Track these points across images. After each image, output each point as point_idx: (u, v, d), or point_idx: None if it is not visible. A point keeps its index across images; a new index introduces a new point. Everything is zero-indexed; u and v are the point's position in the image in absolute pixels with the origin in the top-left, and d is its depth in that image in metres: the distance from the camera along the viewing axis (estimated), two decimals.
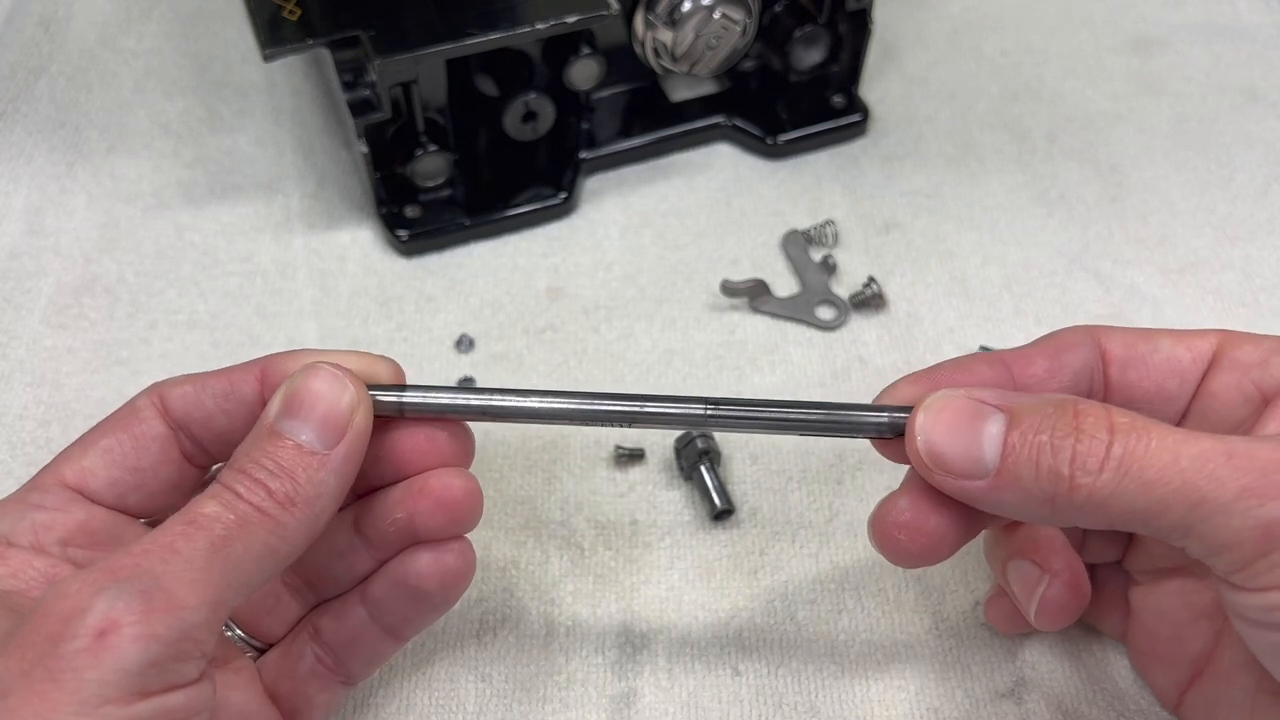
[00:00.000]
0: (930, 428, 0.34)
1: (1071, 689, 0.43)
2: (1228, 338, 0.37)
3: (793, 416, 0.37)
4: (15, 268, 0.57)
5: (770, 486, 0.49)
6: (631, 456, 0.50)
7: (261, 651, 0.40)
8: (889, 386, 0.38)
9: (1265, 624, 0.32)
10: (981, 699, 0.43)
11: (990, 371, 0.37)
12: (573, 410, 0.37)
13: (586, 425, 0.38)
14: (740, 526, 0.48)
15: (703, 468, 0.48)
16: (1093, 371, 0.38)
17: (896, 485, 0.49)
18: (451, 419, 0.38)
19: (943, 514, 0.35)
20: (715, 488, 0.48)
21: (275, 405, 0.35)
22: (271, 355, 0.38)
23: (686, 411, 0.37)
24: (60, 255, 0.58)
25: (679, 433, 0.49)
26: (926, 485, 0.35)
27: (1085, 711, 0.43)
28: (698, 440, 0.48)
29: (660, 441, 0.50)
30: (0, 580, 0.34)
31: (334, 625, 0.39)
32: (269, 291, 0.57)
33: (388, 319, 0.56)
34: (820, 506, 0.49)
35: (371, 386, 0.37)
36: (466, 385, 0.53)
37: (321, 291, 0.57)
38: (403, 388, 0.37)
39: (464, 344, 0.54)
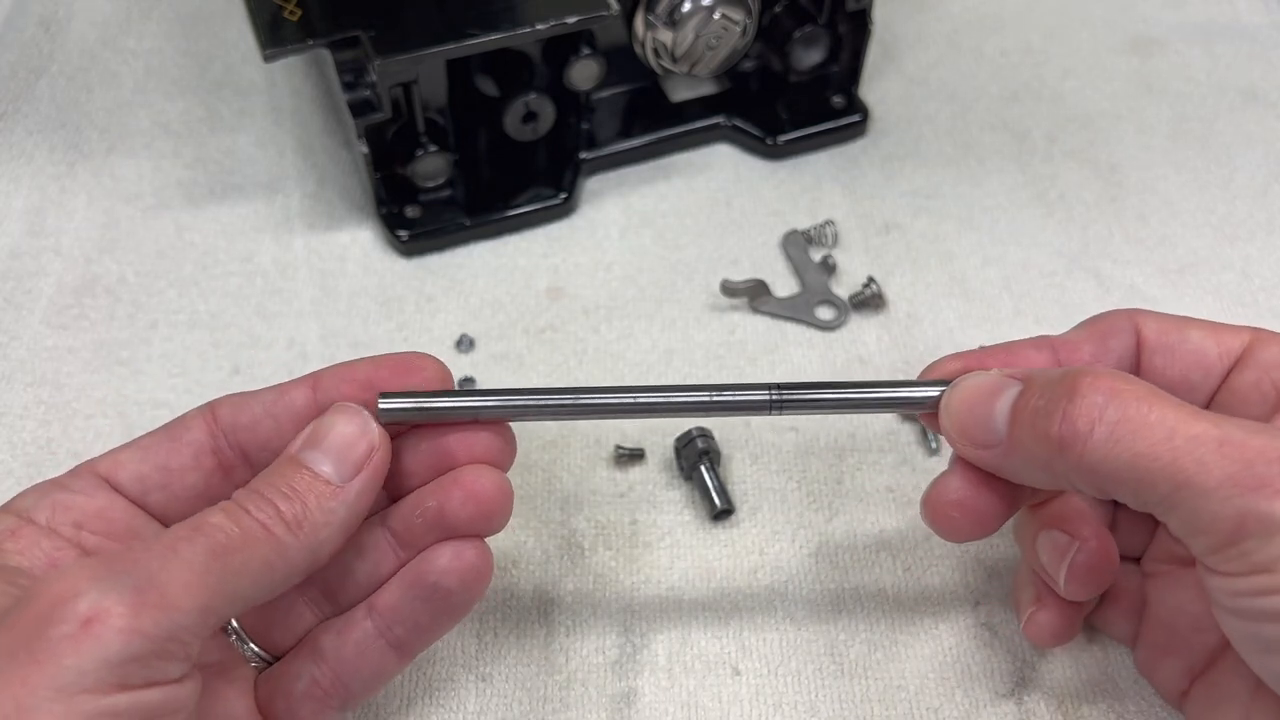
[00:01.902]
0: (955, 400, 0.37)
1: (1071, 690, 0.43)
2: (1259, 337, 0.38)
3: (854, 397, 0.39)
4: (16, 268, 0.57)
5: (770, 486, 0.49)
6: (631, 456, 0.50)
7: (268, 663, 0.39)
8: (934, 363, 0.40)
9: (1234, 610, 0.32)
10: (981, 699, 0.43)
11: (1038, 356, 0.39)
12: (649, 403, 0.38)
13: (656, 417, 0.39)
14: (740, 526, 0.48)
15: (703, 468, 0.48)
16: (1132, 356, 0.39)
17: (895, 485, 0.50)
18: (480, 420, 0.39)
19: (990, 491, 0.37)
20: (715, 488, 0.48)
21: (300, 438, 0.36)
22: (323, 368, 0.39)
23: (752, 399, 0.38)
24: (61, 255, 0.58)
25: (679, 432, 0.49)
26: (973, 465, 0.37)
27: (1085, 712, 0.43)
28: (698, 440, 0.48)
29: (660, 441, 0.50)
30: (9, 556, 0.34)
31: (337, 642, 0.38)
32: (269, 291, 0.57)
33: (388, 319, 0.56)
34: (820, 506, 0.49)
35: (402, 395, 0.37)
36: (467, 387, 0.53)
37: (322, 291, 0.57)
38: (447, 394, 0.38)
39: (464, 344, 0.54)
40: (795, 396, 0.38)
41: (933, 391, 0.38)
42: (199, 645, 0.31)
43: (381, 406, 0.37)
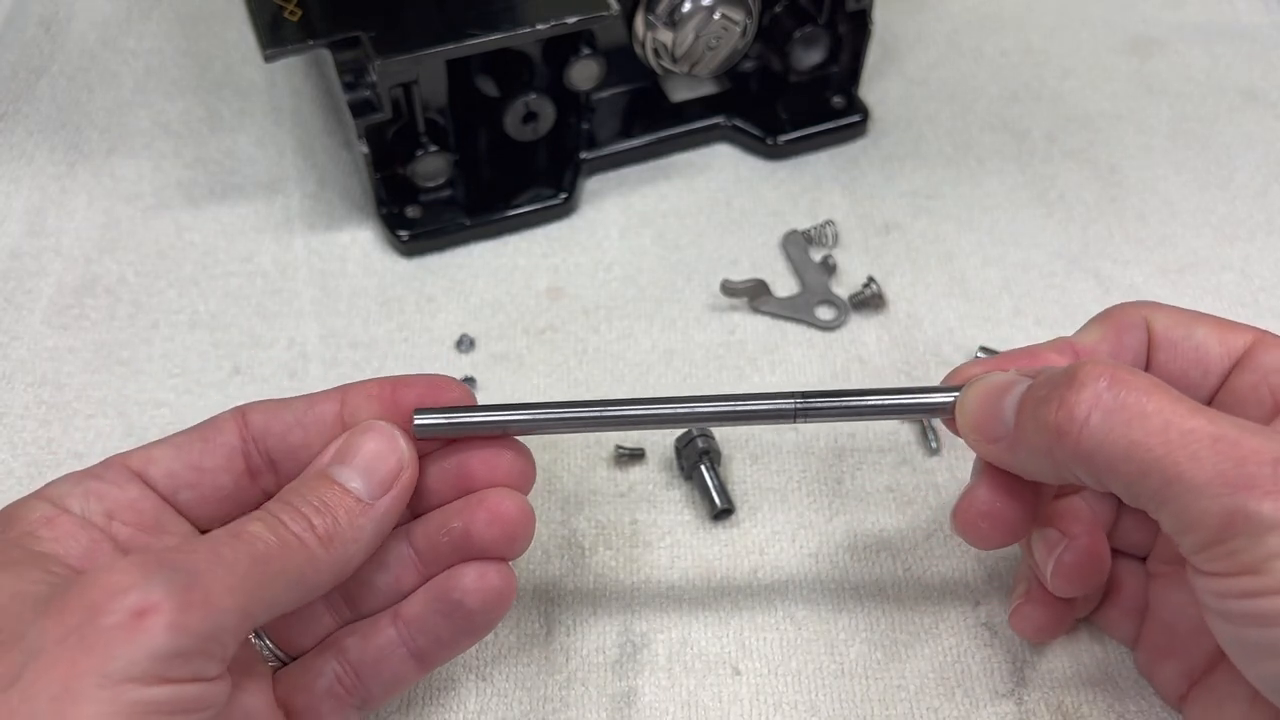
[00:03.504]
0: (969, 398, 0.37)
1: (1071, 689, 0.43)
2: (1262, 339, 0.38)
3: (877, 404, 0.39)
4: (16, 268, 0.57)
5: (770, 486, 0.49)
6: (631, 456, 0.50)
7: (284, 663, 0.39)
8: (956, 369, 0.40)
9: (1222, 612, 0.32)
10: (981, 699, 0.43)
11: (1059, 359, 0.39)
12: (675, 414, 0.39)
13: (674, 428, 0.39)
14: (740, 526, 0.48)
15: (703, 467, 0.48)
16: (1146, 351, 0.39)
17: (896, 485, 0.50)
18: (511, 434, 0.39)
19: (1016, 499, 0.38)
20: (715, 487, 0.48)
21: (330, 452, 0.37)
22: (351, 383, 0.39)
23: (777, 408, 0.39)
24: (61, 255, 0.58)
25: (680, 432, 0.49)
26: (998, 474, 0.38)
27: (1085, 712, 0.43)
28: (698, 440, 0.48)
29: (660, 441, 0.50)
30: (44, 543, 0.34)
31: (361, 644, 0.39)
32: (269, 292, 0.57)
33: (388, 319, 0.56)
34: (820, 506, 0.49)
35: (437, 411, 0.38)
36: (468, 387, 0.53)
37: (322, 292, 0.57)
38: (480, 409, 0.39)
39: (464, 344, 0.54)
40: (819, 405, 0.39)
41: (951, 396, 0.38)
42: (235, 647, 0.32)
43: (417, 422, 0.38)
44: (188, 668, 0.30)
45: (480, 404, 0.39)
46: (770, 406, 0.39)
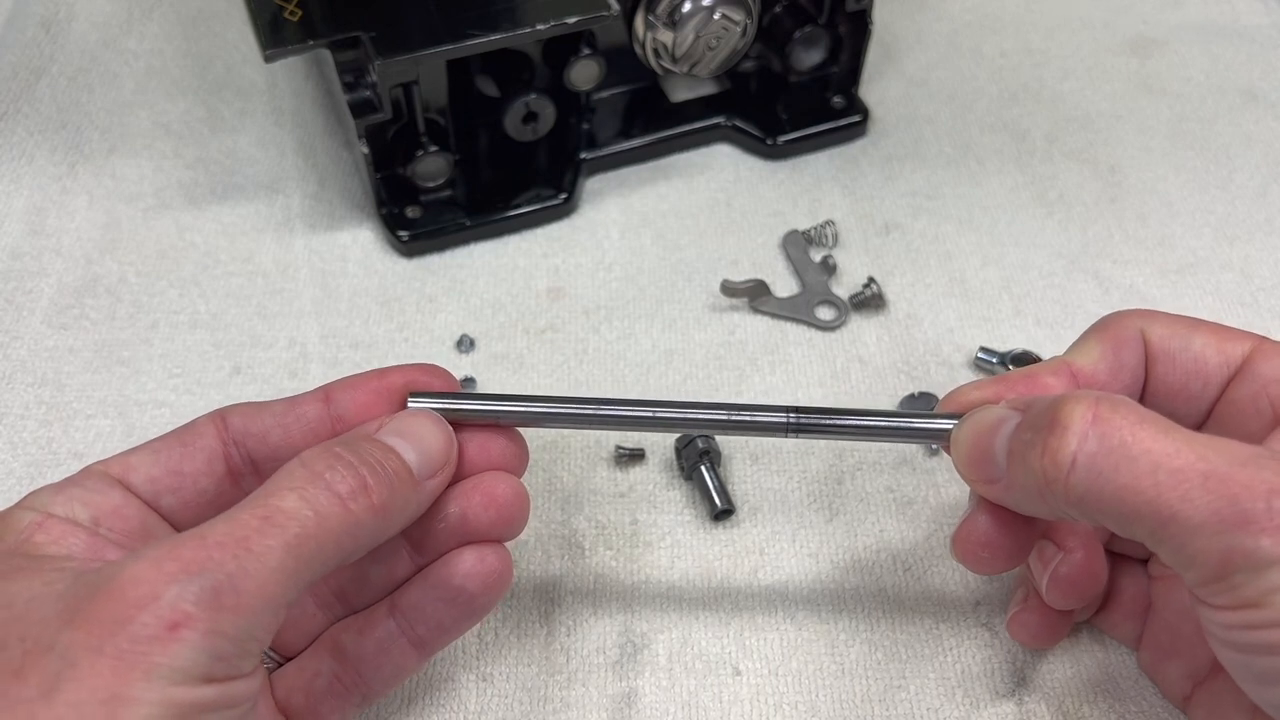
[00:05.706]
0: (962, 435, 0.37)
1: (1072, 690, 0.43)
2: (1261, 347, 0.37)
3: (870, 425, 0.39)
4: (17, 268, 0.57)
5: (770, 486, 0.49)
6: (631, 456, 0.50)
7: (279, 664, 0.39)
8: (955, 390, 0.39)
9: (1226, 641, 0.32)
10: (981, 699, 0.43)
11: (1056, 382, 0.38)
12: (668, 419, 0.39)
13: (665, 432, 0.39)
14: (740, 526, 0.48)
15: (703, 468, 0.48)
16: (1144, 366, 0.38)
17: (895, 485, 0.50)
18: (503, 424, 0.40)
19: (1016, 526, 0.37)
20: (715, 488, 0.48)
21: (376, 424, 0.37)
22: (333, 381, 0.39)
23: (770, 420, 0.39)
24: (62, 255, 0.58)
25: (680, 432, 0.49)
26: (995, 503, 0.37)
27: (1085, 712, 0.43)
28: (698, 440, 0.48)
29: (660, 441, 0.50)
30: (43, 547, 0.34)
31: (358, 640, 0.38)
32: (270, 292, 0.57)
33: (389, 319, 0.56)
34: (820, 506, 0.49)
35: (431, 395, 0.39)
36: (468, 387, 0.53)
37: (323, 292, 0.57)
38: (473, 396, 0.39)
39: (465, 344, 0.54)
40: (812, 421, 0.39)
41: (946, 424, 0.38)
42: (270, 638, 0.32)
43: (411, 406, 0.38)
44: (226, 669, 0.30)
45: (474, 392, 0.39)
46: (763, 419, 0.39)
